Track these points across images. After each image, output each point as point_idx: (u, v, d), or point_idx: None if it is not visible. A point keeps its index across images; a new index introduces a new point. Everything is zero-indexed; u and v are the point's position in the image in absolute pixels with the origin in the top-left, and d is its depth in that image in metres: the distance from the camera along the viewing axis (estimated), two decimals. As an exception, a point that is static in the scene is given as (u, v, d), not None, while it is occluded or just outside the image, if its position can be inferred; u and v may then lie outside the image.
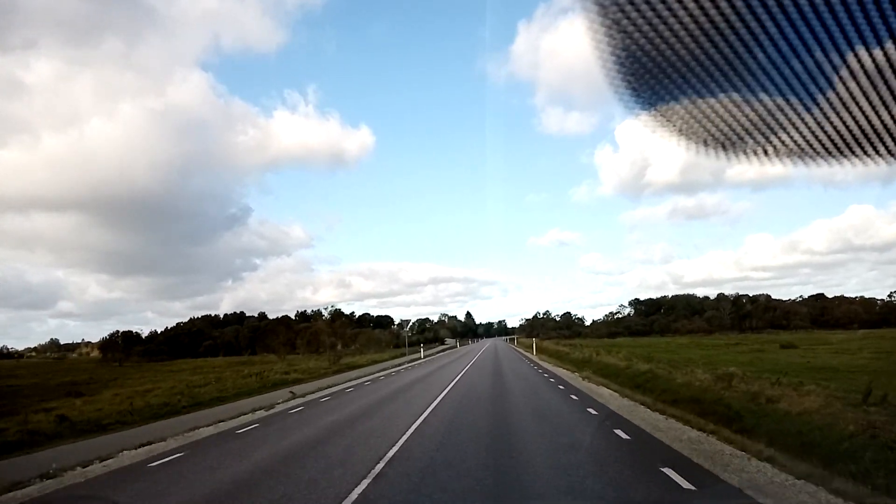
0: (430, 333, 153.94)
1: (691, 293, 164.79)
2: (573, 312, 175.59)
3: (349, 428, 12.45)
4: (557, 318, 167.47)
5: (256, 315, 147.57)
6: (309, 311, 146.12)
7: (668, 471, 7.06)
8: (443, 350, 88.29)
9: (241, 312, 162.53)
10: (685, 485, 6.48)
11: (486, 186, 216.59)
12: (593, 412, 13.41)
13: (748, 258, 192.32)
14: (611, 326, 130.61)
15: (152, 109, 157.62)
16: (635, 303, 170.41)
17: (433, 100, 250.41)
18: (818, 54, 1.66)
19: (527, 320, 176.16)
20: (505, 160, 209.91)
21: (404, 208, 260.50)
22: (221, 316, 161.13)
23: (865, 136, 1.91)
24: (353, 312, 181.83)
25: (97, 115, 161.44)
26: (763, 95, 1.83)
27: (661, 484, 6.57)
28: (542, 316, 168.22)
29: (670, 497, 6.22)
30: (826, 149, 1.98)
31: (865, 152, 1.97)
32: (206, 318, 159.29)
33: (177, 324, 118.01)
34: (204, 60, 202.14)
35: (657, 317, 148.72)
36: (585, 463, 7.79)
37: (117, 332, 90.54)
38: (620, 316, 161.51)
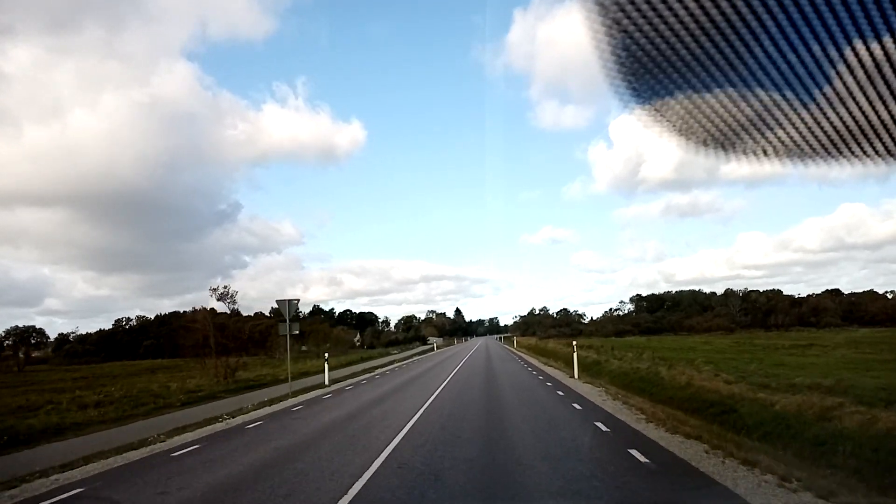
0: (409, 333, 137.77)
1: (695, 289, 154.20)
2: (570, 309, 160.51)
3: None
4: (555, 315, 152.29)
5: (229, 311, 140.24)
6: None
7: None
8: (405, 359, 50.02)
9: (211, 309, 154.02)
10: None
11: (480, 183, 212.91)
12: None
13: (740, 256, 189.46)
14: (617, 324, 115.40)
15: (138, 101, 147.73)
16: (637, 299, 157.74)
17: (426, 92, 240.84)
18: (816, 49, 1.63)
19: (521, 317, 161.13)
20: (499, 156, 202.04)
21: (395, 205, 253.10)
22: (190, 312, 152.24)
23: (863, 133, 1.87)
24: (332, 309, 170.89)
25: (80, 107, 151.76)
26: (759, 91, 1.79)
27: None
28: (538, 312, 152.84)
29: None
30: (823, 147, 1.95)
31: (864, 151, 1.93)
32: (174, 314, 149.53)
33: (115, 321, 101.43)
34: (190, 50, 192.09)
35: (662, 313, 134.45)
36: None
37: (16, 326, 73.94)
38: (621, 313, 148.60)
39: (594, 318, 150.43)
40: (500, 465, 8.15)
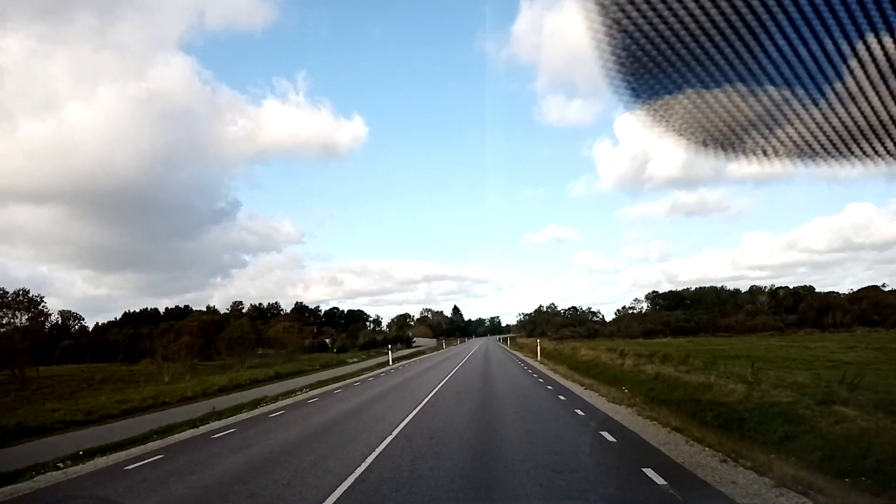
0: (400, 332, 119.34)
1: (717, 286, 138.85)
2: (578, 306, 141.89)
3: None
4: (564, 313, 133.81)
5: (205, 308, 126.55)
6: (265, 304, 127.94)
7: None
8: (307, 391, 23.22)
9: (186, 307, 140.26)
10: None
11: (482, 181, 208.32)
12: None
13: (745, 257, 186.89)
14: (643, 323, 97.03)
15: (134, 95, 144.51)
16: (653, 296, 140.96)
17: (429, 86, 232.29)
18: (815, 48, 1.58)
19: (527, 315, 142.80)
20: (503, 153, 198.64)
21: (397, 203, 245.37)
22: (162, 311, 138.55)
23: (874, 131, 1.78)
24: (317, 307, 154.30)
25: (75, 100, 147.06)
26: (766, 88, 1.72)
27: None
28: (546, 310, 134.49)
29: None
30: (830, 146, 1.86)
31: (865, 151, 1.86)
32: (143, 312, 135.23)
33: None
34: (188, 42, 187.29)
35: (682, 311, 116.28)
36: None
37: None
38: (634, 311, 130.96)
39: (604, 318, 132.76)
40: None
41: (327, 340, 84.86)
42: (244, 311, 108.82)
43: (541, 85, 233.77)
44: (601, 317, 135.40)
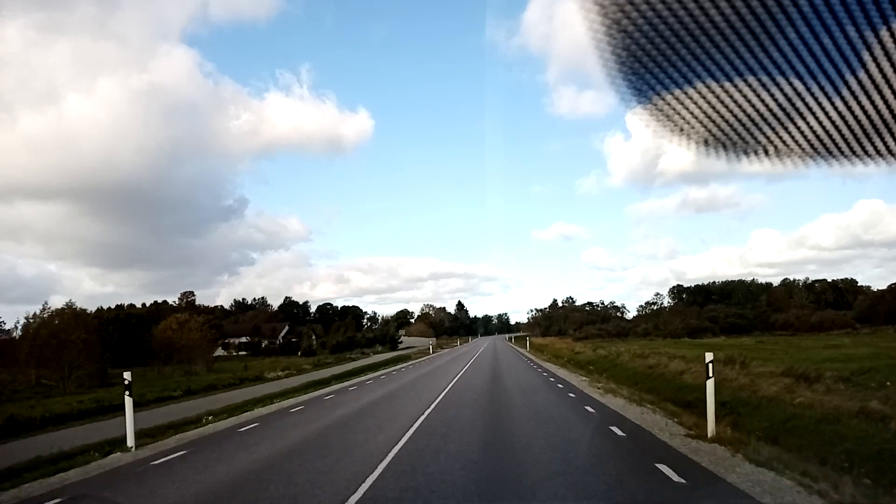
0: (357, 334, 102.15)
1: (746, 280, 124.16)
2: (597, 301, 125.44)
3: None
4: (584, 309, 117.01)
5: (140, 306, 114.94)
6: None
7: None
8: None
9: (164, 301, 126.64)
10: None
11: (491, 177, 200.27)
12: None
13: (753, 254, 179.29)
14: (688, 319, 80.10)
15: (136, 88, 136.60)
16: (677, 290, 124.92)
17: (436, 78, 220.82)
18: (822, 42, 1.48)
19: (539, 311, 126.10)
20: (512, 147, 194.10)
21: (404, 200, 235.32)
22: (139, 305, 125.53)
23: (886, 129, 1.70)
24: (306, 302, 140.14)
25: (76, 92, 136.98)
26: (781, 80, 1.64)
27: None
28: (562, 305, 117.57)
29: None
30: (849, 141, 1.77)
31: (865, 150, 1.79)
32: (119, 307, 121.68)
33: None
34: (190, 33, 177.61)
35: (724, 307, 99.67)
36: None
37: None
38: (656, 306, 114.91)
39: (623, 314, 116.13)
40: None
41: (294, 339, 69.21)
42: (196, 302, 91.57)
43: (552, 76, 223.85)
44: (623, 313, 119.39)
